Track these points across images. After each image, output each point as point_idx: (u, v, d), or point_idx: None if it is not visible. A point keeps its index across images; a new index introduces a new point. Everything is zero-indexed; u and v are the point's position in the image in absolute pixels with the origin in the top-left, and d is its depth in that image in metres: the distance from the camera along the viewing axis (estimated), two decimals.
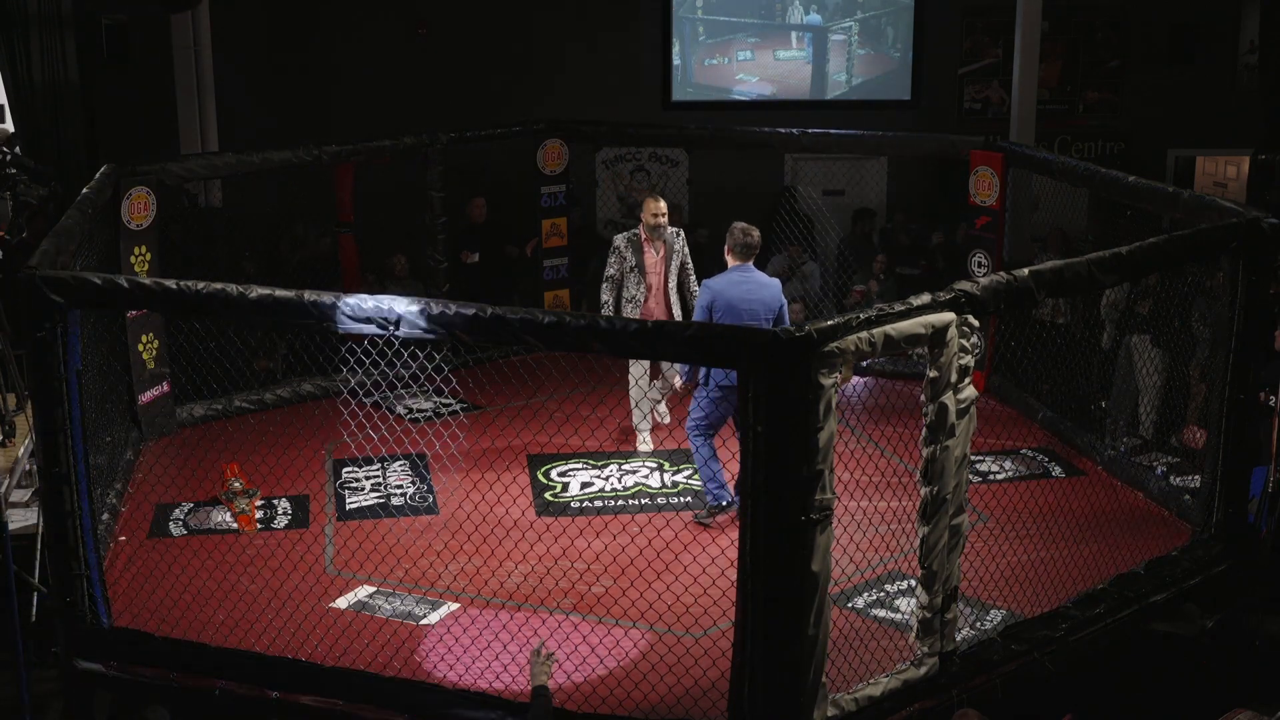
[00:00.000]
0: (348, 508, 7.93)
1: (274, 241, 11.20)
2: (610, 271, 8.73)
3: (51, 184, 9.82)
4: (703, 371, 7.64)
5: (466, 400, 9.60)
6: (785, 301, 7.76)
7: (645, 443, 8.72)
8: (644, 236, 8.66)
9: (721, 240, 7.85)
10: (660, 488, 8.20)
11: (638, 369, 8.61)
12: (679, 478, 8.30)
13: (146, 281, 6.01)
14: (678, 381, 8.37)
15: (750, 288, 7.60)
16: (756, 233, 7.73)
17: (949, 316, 5.55)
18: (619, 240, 8.76)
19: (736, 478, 7.49)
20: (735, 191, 11.99)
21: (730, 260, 7.72)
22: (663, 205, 8.68)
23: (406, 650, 6.27)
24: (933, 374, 5.62)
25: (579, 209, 11.74)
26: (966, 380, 5.69)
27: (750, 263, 7.70)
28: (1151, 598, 6.77)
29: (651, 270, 8.70)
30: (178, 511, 7.83)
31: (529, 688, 5.34)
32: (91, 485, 6.21)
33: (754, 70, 13.46)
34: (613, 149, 12.96)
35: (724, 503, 7.64)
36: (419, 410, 9.58)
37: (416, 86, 12.86)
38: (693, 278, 8.76)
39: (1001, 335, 9.33)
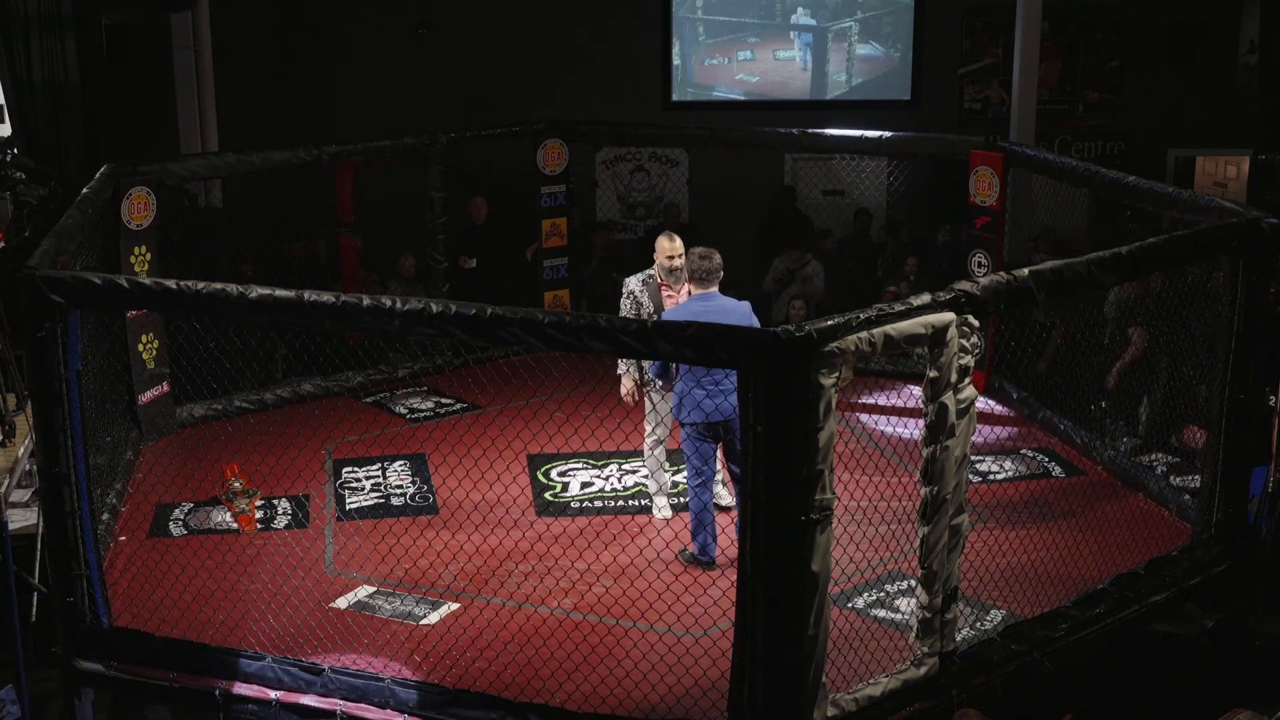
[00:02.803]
0: (348, 508, 7.93)
1: (274, 241, 11.19)
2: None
3: (51, 184, 9.83)
4: (675, 405, 7.19)
5: (466, 400, 9.61)
6: (758, 324, 7.13)
7: (663, 510, 7.87)
8: (660, 280, 7.62)
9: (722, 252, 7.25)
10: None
11: (652, 438, 7.77)
12: (679, 478, 8.29)
13: (146, 281, 6.01)
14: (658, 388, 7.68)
15: (713, 316, 6.68)
16: (716, 256, 7.10)
17: (949, 316, 5.55)
18: (632, 284, 7.65)
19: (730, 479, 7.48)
20: (735, 192, 11.97)
21: (691, 289, 7.15)
22: (678, 244, 7.55)
23: (406, 650, 6.27)
24: (933, 374, 5.62)
25: (579, 209, 11.74)
26: (966, 380, 5.68)
27: (714, 289, 7.09)
28: (1151, 598, 6.77)
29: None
30: (178, 511, 7.82)
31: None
32: (91, 485, 6.21)
33: (754, 70, 13.46)
34: (613, 149, 12.94)
35: (708, 558, 7.19)
36: (419, 410, 9.59)
37: (416, 86, 12.85)
38: None
39: (1001, 335, 9.33)
